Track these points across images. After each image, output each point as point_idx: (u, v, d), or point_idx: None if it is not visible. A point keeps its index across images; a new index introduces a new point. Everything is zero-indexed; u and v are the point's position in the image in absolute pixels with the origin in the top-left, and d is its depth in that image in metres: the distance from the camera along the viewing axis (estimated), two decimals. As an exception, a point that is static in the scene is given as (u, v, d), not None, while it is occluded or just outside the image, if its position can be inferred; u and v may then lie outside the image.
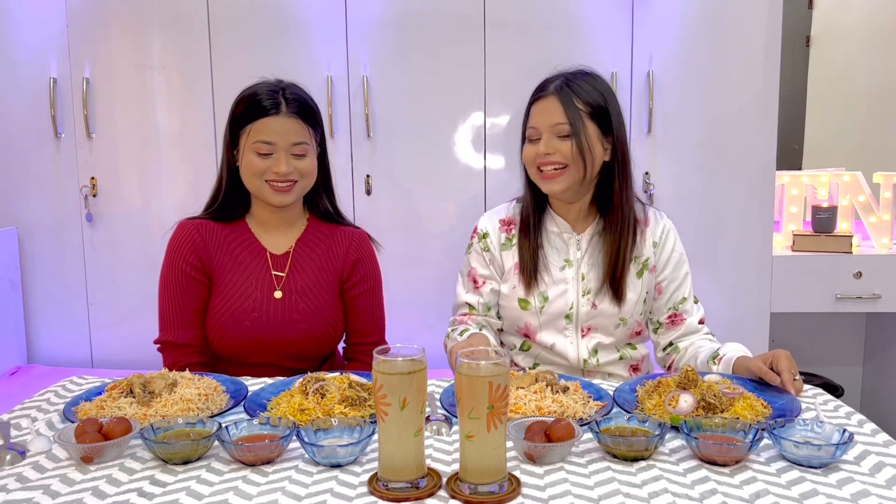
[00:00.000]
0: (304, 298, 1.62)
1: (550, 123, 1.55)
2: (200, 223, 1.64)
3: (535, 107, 1.59)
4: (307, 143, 1.57)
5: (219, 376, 1.41)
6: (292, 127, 1.55)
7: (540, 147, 1.55)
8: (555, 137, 1.54)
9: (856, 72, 3.17)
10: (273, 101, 1.55)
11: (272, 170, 1.55)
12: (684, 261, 1.67)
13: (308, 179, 1.60)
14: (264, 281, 1.62)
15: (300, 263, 1.65)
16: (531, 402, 1.23)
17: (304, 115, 1.57)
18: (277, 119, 1.54)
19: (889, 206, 2.55)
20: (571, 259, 1.62)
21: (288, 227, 1.67)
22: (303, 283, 1.63)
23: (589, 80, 1.58)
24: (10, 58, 2.39)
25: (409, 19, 2.37)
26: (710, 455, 1.06)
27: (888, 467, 1.05)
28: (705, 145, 2.44)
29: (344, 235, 1.70)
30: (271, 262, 1.64)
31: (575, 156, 1.54)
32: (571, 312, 1.61)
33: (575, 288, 1.61)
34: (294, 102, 1.56)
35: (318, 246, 1.67)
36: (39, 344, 2.53)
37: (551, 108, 1.55)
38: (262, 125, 1.54)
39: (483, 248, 1.67)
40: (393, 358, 0.98)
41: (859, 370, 2.99)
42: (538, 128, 1.57)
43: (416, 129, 2.41)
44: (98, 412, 1.22)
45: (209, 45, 2.38)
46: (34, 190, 2.45)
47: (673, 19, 2.38)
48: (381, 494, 0.98)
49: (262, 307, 1.60)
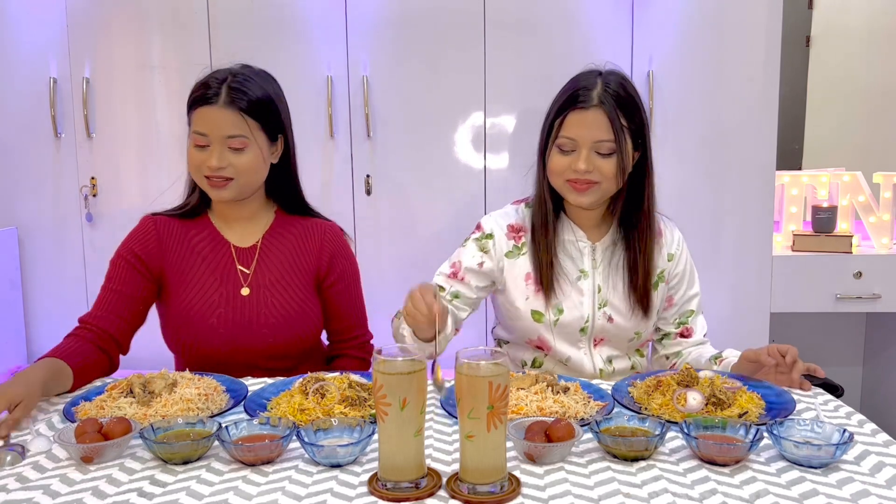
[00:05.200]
0: (274, 293, 1.57)
1: (594, 139, 1.45)
2: (161, 219, 1.60)
3: (575, 116, 1.46)
4: (246, 137, 1.49)
5: (219, 376, 1.40)
6: (228, 118, 1.47)
7: (579, 164, 1.45)
8: (594, 154, 1.45)
9: (856, 72, 3.16)
10: (214, 90, 1.48)
11: (206, 163, 1.48)
12: (695, 274, 1.64)
13: (247, 177, 1.51)
14: (229, 276, 1.57)
15: (268, 257, 1.59)
16: (532, 402, 1.23)
17: (247, 108, 1.48)
18: (213, 109, 1.47)
19: (889, 206, 2.55)
20: (587, 269, 1.56)
21: (250, 220, 1.61)
22: (272, 278, 1.58)
23: (627, 86, 1.49)
24: (10, 58, 2.39)
25: (409, 19, 2.37)
26: (710, 455, 1.06)
27: (888, 467, 1.05)
28: (705, 145, 2.44)
29: (315, 228, 1.64)
30: (236, 256, 1.58)
31: (615, 175, 1.47)
32: (587, 326, 1.56)
33: (591, 300, 1.55)
34: (237, 92, 1.48)
35: (288, 239, 1.62)
36: (39, 344, 2.53)
37: (596, 121, 1.44)
38: (200, 114, 1.48)
39: (482, 248, 1.58)
40: (393, 358, 0.98)
41: (859, 370, 2.99)
42: (577, 140, 1.46)
43: (416, 129, 2.41)
44: (98, 412, 1.22)
45: (209, 45, 2.37)
46: (34, 190, 2.45)
47: (673, 19, 2.38)
48: (381, 494, 0.98)
49: (228, 303, 1.55)
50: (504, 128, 2.42)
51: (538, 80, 2.38)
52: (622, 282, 1.56)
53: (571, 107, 1.47)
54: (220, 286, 1.56)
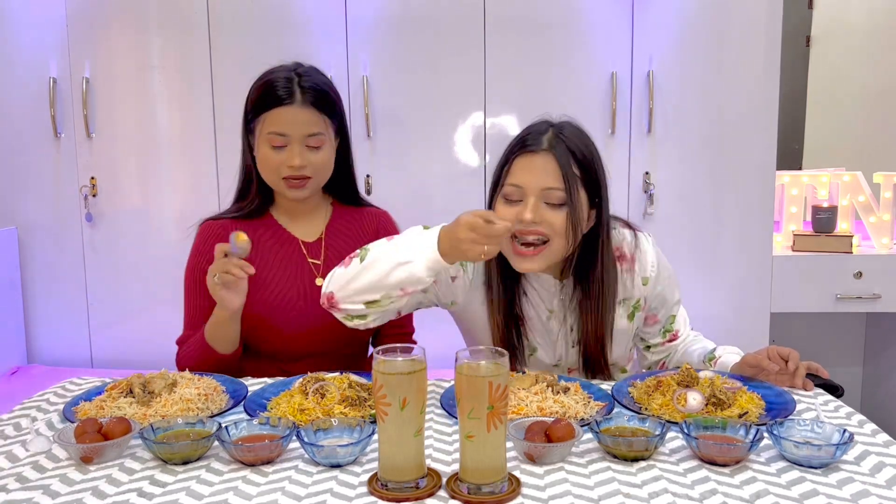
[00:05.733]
0: None
1: (542, 186, 1.31)
2: (222, 223, 1.60)
3: (522, 161, 1.34)
4: (323, 134, 1.51)
5: (219, 376, 1.40)
6: (307, 117, 1.49)
7: (525, 213, 1.30)
8: (543, 204, 1.32)
9: (856, 72, 3.16)
10: (287, 90, 1.48)
11: (286, 164, 1.49)
12: (674, 279, 1.53)
13: (323, 174, 1.55)
14: (303, 270, 1.59)
15: (334, 248, 1.62)
16: (532, 402, 1.23)
17: (320, 104, 1.50)
18: (291, 109, 1.48)
19: (889, 206, 2.55)
20: (555, 308, 1.46)
21: (313, 213, 1.64)
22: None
23: (581, 136, 1.37)
24: (10, 58, 2.40)
25: (409, 19, 2.37)
26: (710, 455, 1.06)
27: (888, 467, 1.05)
28: (705, 145, 2.44)
29: (370, 216, 1.69)
30: (305, 250, 1.61)
31: (566, 230, 1.32)
32: (560, 362, 1.51)
33: (564, 339, 1.48)
34: (310, 91, 1.49)
35: (349, 229, 1.65)
36: (39, 344, 2.53)
37: (544, 167, 1.32)
38: (276, 115, 1.48)
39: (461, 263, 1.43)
40: (393, 358, 0.98)
41: (859, 370, 2.99)
42: (524, 187, 1.32)
43: (416, 129, 2.41)
44: (98, 412, 1.22)
45: (209, 45, 2.37)
46: (34, 190, 2.45)
47: (673, 19, 2.38)
48: (381, 494, 0.98)
49: (306, 296, 1.56)
50: (504, 128, 2.42)
51: (538, 80, 2.38)
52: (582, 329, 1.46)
53: (519, 151, 1.36)
54: (297, 280, 1.58)
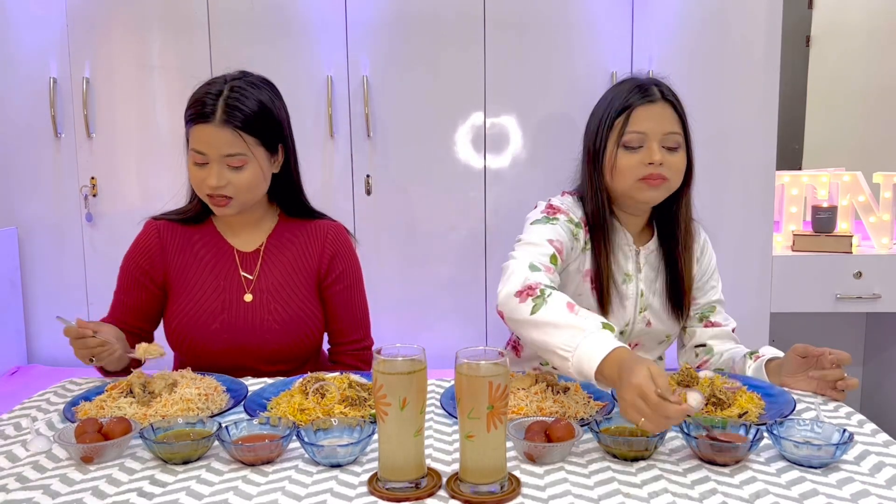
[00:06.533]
0: (277, 298, 1.56)
1: (664, 131, 1.44)
2: (164, 224, 1.60)
3: (643, 111, 1.45)
4: (244, 155, 1.45)
5: (219, 376, 1.41)
6: (225, 138, 1.43)
7: (654, 155, 1.43)
8: (662, 148, 1.44)
9: (856, 72, 3.16)
10: (211, 107, 1.43)
11: (206, 182, 1.46)
12: (717, 274, 1.65)
13: (247, 194, 1.49)
14: (232, 282, 1.56)
15: (271, 261, 1.58)
16: (532, 402, 1.23)
17: (243, 126, 1.44)
18: (209, 128, 1.43)
19: (889, 206, 2.55)
20: (631, 273, 1.55)
21: (254, 225, 1.60)
22: (275, 282, 1.57)
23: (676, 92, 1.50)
24: (10, 58, 2.39)
25: (409, 20, 2.37)
26: (710, 455, 1.06)
27: (888, 467, 1.05)
28: (705, 145, 2.43)
29: (318, 229, 1.62)
30: (239, 261, 1.58)
31: (681, 171, 1.47)
32: (626, 329, 1.55)
33: (634, 304, 1.55)
34: (233, 110, 1.43)
35: (292, 242, 1.60)
36: (39, 344, 2.53)
37: (664, 114, 1.45)
38: (197, 132, 1.44)
39: (573, 234, 1.49)
40: (393, 358, 0.98)
41: (859, 370, 2.99)
42: (647, 133, 1.44)
43: (416, 129, 2.41)
44: (98, 412, 1.22)
45: (209, 45, 2.37)
46: (34, 190, 2.45)
47: (673, 19, 2.38)
48: (381, 494, 0.98)
49: (231, 308, 1.54)
50: (504, 128, 2.42)
51: (538, 80, 2.38)
52: (662, 286, 1.56)
53: (638, 102, 1.46)
54: (224, 292, 1.56)
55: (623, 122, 1.46)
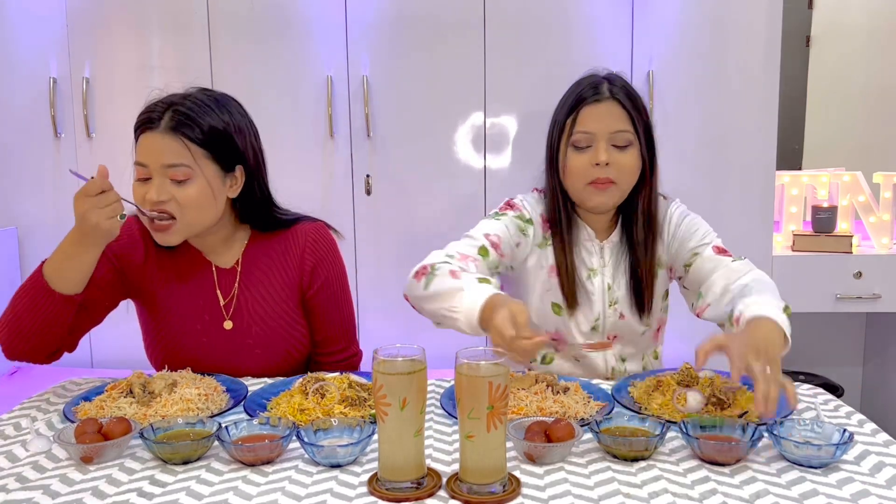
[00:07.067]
0: (258, 321, 1.48)
1: (611, 130, 1.44)
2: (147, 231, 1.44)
3: (589, 110, 1.45)
4: (188, 167, 1.33)
5: (219, 376, 1.40)
6: (169, 146, 1.32)
7: (600, 155, 1.42)
8: (611, 147, 1.44)
9: (856, 72, 3.16)
10: (157, 115, 1.34)
11: (146, 197, 1.33)
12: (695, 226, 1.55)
13: (192, 213, 1.35)
14: (212, 305, 1.47)
15: (249, 280, 1.48)
16: (532, 402, 1.23)
17: (190, 134, 1.34)
18: (153, 136, 1.33)
19: (889, 206, 2.55)
20: (596, 268, 1.55)
21: (225, 243, 1.49)
22: (254, 303, 1.48)
23: (629, 85, 1.49)
24: (10, 58, 2.39)
25: (409, 19, 2.37)
26: (710, 455, 1.06)
27: (888, 467, 1.05)
28: (705, 145, 2.44)
29: (296, 237, 1.51)
30: (217, 279, 1.47)
31: (632, 170, 1.46)
32: (598, 323, 1.56)
33: (601, 298, 1.55)
34: (180, 117, 1.33)
35: (268, 256, 1.50)
36: (39, 344, 2.53)
37: (610, 112, 1.44)
38: (142, 142, 1.35)
39: (521, 230, 1.52)
40: (393, 358, 0.98)
41: (859, 370, 2.99)
42: (594, 133, 1.44)
43: (416, 128, 2.41)
44: (98, 412, 1.22)
45: (209, 45, 2.37)
46: (34, 190, 2.45)
47: (673, 19, 2.38)
48: (381, 494, 0.98)
49: (211, 333, 1.47)
50: (504, 128, 2.42)
51: (538, 80, 2.38)
52: (626, 280, 1.56)
53: (584, 102, 1.46)
54: (203, 313, 1.48)
55: (572, 123, 1.47)
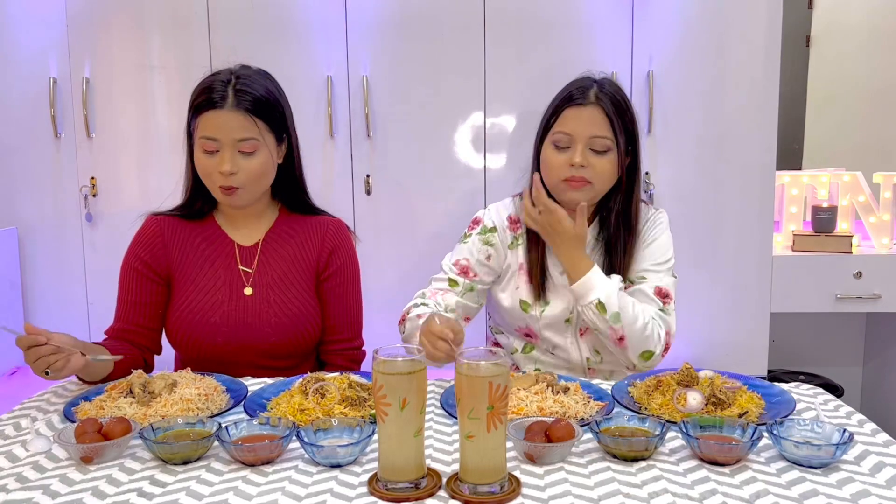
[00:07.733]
0: (277, 292, 1.56)
1: (590, 134, 1.48)
2: (164, 220, 1.60)
3: (572, 112, 1.50)
4: (257, 140, 1.47)
5: (219, 376, 1.40)
6: (238, 122, 1.45)
7: (575, 157, 1.48)
8: (589, 150, 1.49)
9: (856, 72, 3.17)
10: (221, 94, 1.45)
11: (217, 169, 1.46)
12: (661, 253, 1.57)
13: (256, 182, 1.50)
14: (233, 276, 1.56)
15: (270, 255, 1.59)
16: (532, 402, 1.23)
17: (254, 109, 1.47)
18: (222, 113, 1.44)
19: (889, 206, 2.55)
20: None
21: (256, 219, 1.61)
22: (274, 276, 1.57)
23: (621, 92, 1.53)
24: (10, 58, 2.39)
25: (409, 19, 2.37)
26: (711, 455, 1.06)
27: (888, 467, 1.05)
28: (705, 145, 2.44)
29: (319, 225, 1.63)
30: (239, 255, 1.58)
31: (608, 175, 1.51)
32: (571, 317, 1.60)
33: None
34: (243, 94, 1.46)
35: (292, 236, 1.61)
36: (39, 344, 2.53)
37: (592, 117, 1.49)
38: (208, 119, 1.45)
39: (486, 241, 1.61)
40: (393, 358, 0.98)
41: (859, 370, 2.99)
42: (573, 135, 1.49)
43: (416, 129, 2.41)
44: (98, 412, 1.22)
45: (209, 45, 2.37)
46: (34, 190, 2.45)
47: (673, 19, 2.38)
48: (381, 494, 0.98)
49: (231, 302, 1.54)
50: (504, 128, 2.42)
51: (538, 80, 2.38)
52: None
53: (568, 104, 1.51)
54: (224, 285, 1.56)
55: (554, 121, 1.53)
